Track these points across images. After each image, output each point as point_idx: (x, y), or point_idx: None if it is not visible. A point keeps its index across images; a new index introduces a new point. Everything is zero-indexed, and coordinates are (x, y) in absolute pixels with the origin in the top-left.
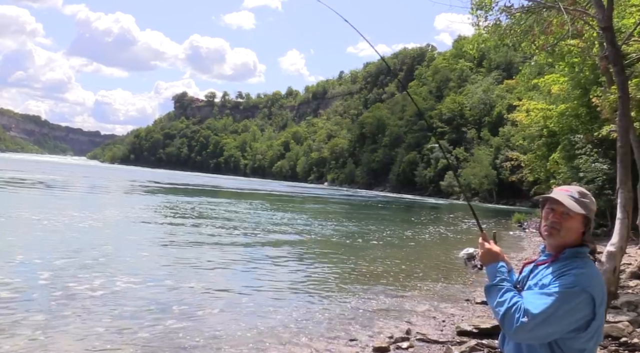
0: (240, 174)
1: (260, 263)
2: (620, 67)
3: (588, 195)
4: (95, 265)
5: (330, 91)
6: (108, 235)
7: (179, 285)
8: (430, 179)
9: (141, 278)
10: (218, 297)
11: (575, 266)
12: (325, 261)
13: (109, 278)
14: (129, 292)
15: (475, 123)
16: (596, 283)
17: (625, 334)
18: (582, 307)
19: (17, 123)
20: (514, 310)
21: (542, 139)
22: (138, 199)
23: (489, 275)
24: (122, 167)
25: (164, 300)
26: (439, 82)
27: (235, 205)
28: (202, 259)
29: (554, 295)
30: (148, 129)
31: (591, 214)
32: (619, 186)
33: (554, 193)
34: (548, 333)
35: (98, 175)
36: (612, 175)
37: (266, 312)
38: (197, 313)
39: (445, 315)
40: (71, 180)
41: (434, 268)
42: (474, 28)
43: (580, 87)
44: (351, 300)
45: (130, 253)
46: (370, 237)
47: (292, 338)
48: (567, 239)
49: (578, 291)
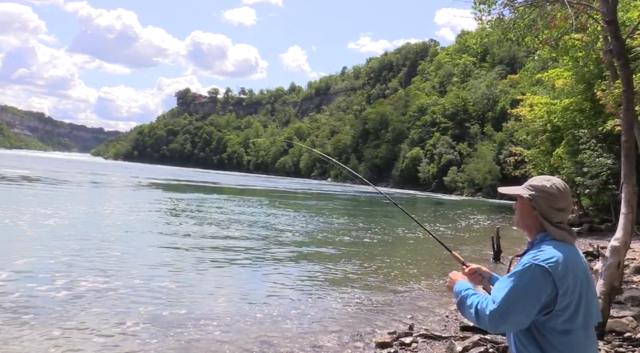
0: (243, 170)
1: (264, 260)
2: (624, 61)
3: (540, 178)
4: (98, 263)
5: (333, 87)
6: (114, 232)
7: (184, 282)
8: (434, 175)
9: (146, 278)
10: (222, 294)
11: (539, 249)
12: (327, 258)
13: (110, 276)
14: (131, 290)
15: (478, 118)
16: (555, 258)
17: (630, 329)
18: (539, 282)
19: (20, 120)
20: (481, 304)
21: (546, 133)
22: (153, 198)
23: (455, 296)
24: (127, 164)
25: (169, 298)
26: (442, 77)
27: (241, 203)
28: (207, 257)
29: (511, 276)
30: (151, 126)
31: (534, 193)
32: (623, 181)
33: (511, 186)
34: (520, 317)
35: (105, 171)
36: (616, 170)
37: (270, 307)
38: (201, 307)
39: (448, 311)
40: (84, 178)
41: (437, 264)
42: (477, 22)
43: (584, 82)
44: (354, 295)
45: (142, 252)
46: (374, 234)
47: (296, 332)
48: (523, 222)
49: (530, 266)
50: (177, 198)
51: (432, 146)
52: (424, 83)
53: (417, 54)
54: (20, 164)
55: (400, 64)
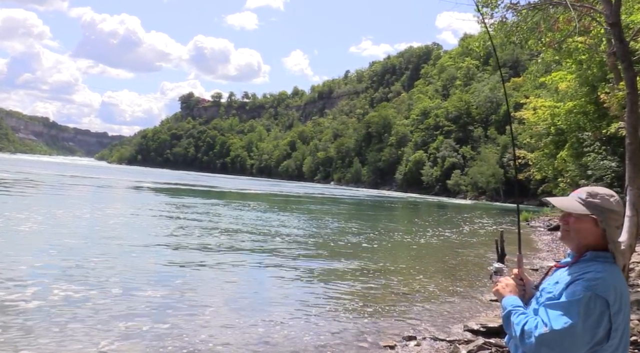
0: (246, 174)
1: (268, 261)
2: (628, 63)
3: (599, 194)
4: (103, 264)
5: (336, 90)
6: (116, 236)
7: (188, 288)
8: (437, 178)
9: (154, 282)
10: (225, 297)
11: (592, 270)
12: (332, 260)
13: (113, 280)
14: (135, 294)
15: (481, 121)
16: (614, 290)
17: (635, 333)
18: (596, 316)
19: (25, 125)
20: (530, 325)
21: (550, 136)
22: (162, 203)
23: (502, 306)
24: (131, 168)
25: (173, 303)
26: (445, 81)
27: (245, 207)
28: (210, 261)
29: (570, 303)
30: (155, 130)
31: (603, 214)
32: (627, 184)
33: (560, 198)
34: (569, 344)
35: (110, 175)
36: (620, 172)
37: (273, 306)
38: (204, 312)
39: (453, 314)
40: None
41: (442, 267)
42: (480, 26)
43: (588, 84)
44: (359, 297)
45: (146, 257)
46: (379, 237)
47: (300, 334)
48: (581, 241)
49: (589, 297)
50: (184, 203)
51: (436, 149)
52: (427, 86)
53: (420, 57)
54: (26, 169)
55: (403, 68)
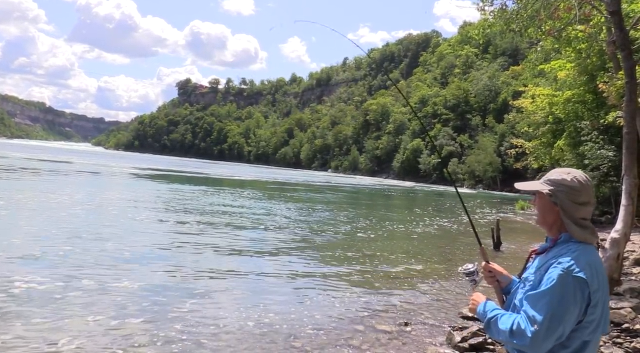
0: (244, 161)
1: (265, 249)
2: (628, 52)
3: (558, 171)
4: (101, 257)
5: (334, 78)
6: (114, 224)
7: (184, 275)
8: (434, 166)
9: (155, 278)
10: (221, 283)
11: (566, 251)
12: (329, 247)
13: (114, 271)
14: (137, 286)
15: (480, 110)
16: (589, 267)
17: (628, 320)
18: (576, 295)
19: (21, 109)
20: (519, 326)
21: (548, 125)
22: (163, 191)
23: (480, 317)
24: (128, 154)
25: (174, 294)
26: (443, 69)
27: (243, 196)
28: (212, 249)
29: (550, 291)
30: (152, 116)
31: (556, 187)
32: (624, 173)
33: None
34: (561, 333)
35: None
36: (617, 162)
37: (270, 292)
38: (200, 297)
39: (447, 300)
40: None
41: (438, 254)
42: (480, 13)
43: (586, 73)
44: (355, 283)
45: (150, 248)
46: (375, 226)
47: (296, 317)
48: (546, 219)
49: (567, 279)
50: (183, 190)
51: (433, 137)
52: (426, 74)
53: (419, 45)
54: (27, 153)
55: (402, 55)
